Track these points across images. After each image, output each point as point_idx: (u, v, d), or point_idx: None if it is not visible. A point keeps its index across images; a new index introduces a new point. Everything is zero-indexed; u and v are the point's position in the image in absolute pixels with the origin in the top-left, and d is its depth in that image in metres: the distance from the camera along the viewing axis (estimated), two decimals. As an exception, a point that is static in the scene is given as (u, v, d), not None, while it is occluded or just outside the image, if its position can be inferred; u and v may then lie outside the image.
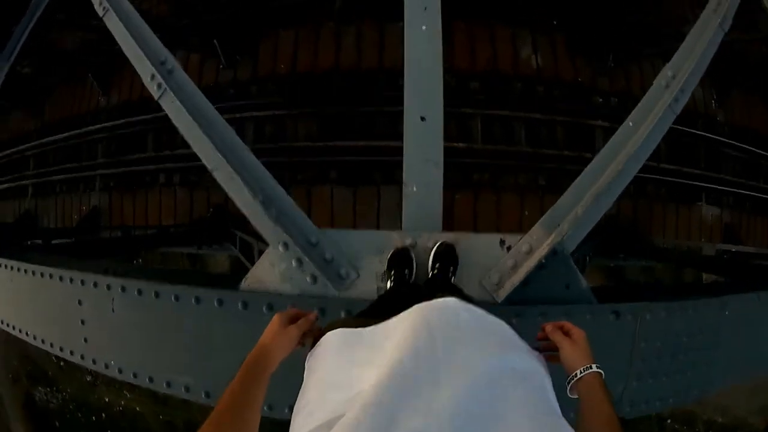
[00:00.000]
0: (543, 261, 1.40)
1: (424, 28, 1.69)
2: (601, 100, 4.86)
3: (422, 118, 1.60)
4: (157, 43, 1.84)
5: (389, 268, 1.45)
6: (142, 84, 1.82)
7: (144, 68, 1.78)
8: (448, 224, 1.55)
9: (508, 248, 1.47)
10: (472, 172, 4.29)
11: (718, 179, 5.55)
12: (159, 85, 1.72)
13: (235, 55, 4.66)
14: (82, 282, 1.65)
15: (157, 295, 1.51)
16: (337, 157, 4.24)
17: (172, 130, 1.74)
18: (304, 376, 0.75)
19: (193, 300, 1.46)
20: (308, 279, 1.45)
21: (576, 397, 0.76)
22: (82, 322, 1.68)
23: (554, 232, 1.44)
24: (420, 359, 0.59)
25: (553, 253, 1.41)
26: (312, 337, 0.89)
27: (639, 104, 1.71)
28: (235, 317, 1.43)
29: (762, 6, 2.69)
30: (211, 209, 4.50)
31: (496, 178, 4.33)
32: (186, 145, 1.67)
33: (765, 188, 6.00)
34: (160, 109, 1.75)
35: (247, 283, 1.49)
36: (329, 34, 4.48)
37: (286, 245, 1.44)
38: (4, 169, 7.00)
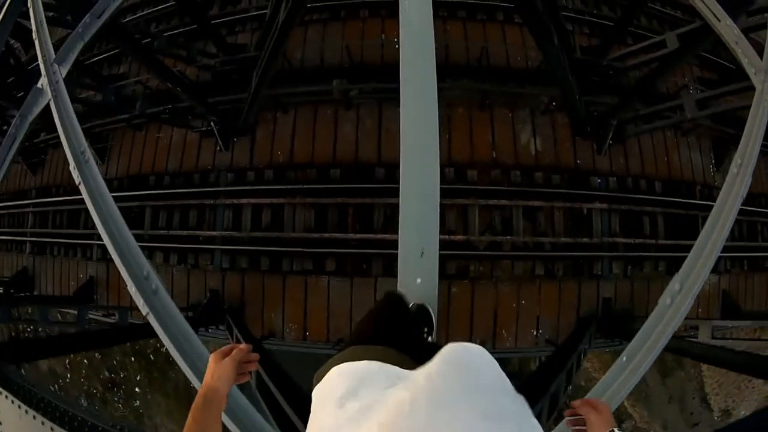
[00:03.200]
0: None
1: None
2: (599, 180, 4.85)
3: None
4: (140, 256, 1.78)
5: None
6: (141, 160, 1.75)
7: (129, 281, 1.71)
8: (445, 315, 1.49)
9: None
10: (469, 262, 4.28)
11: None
12: (143, 305, 1.67)
13: (231, 137, 4.65)
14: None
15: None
16: (333, 249, 4.23)
17: (170, 208, 1.64)
18: (312, 407, 0.79)
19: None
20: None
21: None
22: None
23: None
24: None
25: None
26: (254, 368, 0.96)
27: (637, 334, 1.66)
28: None
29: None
30: (208, 294, 4.49)
31: (493, 269, 4.32)
32: (183, 226, 1.60)
33: (763, 247, 6.01)
34: (157, 185, 1.66)
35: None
36: (327, 121, 4.46)
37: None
38: (3, 220, 7.01)
